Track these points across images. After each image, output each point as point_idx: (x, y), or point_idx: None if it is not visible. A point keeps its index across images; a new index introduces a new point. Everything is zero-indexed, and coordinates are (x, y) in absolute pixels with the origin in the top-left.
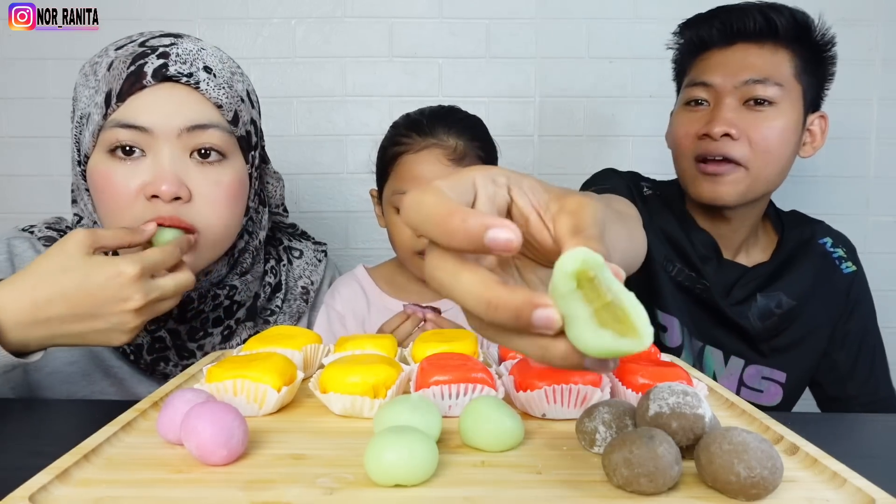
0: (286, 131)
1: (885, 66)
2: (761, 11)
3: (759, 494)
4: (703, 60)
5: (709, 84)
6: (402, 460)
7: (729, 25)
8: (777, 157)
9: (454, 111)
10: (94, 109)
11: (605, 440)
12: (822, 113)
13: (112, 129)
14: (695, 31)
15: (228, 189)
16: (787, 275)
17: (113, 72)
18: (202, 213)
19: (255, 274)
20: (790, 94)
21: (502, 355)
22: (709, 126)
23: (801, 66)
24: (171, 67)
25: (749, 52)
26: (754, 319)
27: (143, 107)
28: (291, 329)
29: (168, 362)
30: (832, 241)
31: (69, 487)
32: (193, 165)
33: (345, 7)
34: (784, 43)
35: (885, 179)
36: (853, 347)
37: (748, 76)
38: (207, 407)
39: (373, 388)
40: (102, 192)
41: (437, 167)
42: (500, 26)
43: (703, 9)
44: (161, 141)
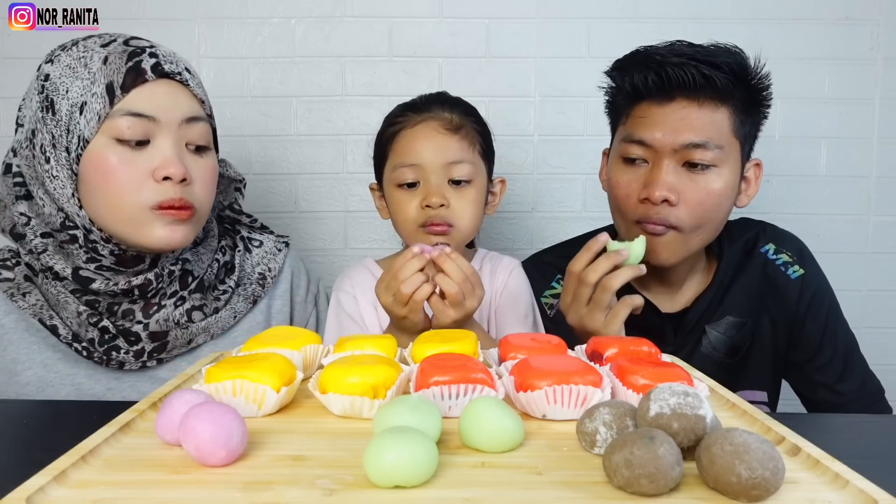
0: (286, 131)
1: (887, 66)
2: (698, 67)
3: (761, 496)
4: (639, 114)
5: (647, 144)
6: (401, 461)
7: (666, 79)
8: (713, 218)
9: (448, 94)
10: (91, 99)
11: (605, 441)
12: (757, 160)
13: (119, 118)
14: (629, 79)
15: (213, 173)
16: (729, 296)
17: (110, 66)
18: (197, 194)
19: (206, 246)
20: (729, 154)
21: (502, 355)
22: (649, 190)
23: (740, 120)
24: (164, 66)
25: (689, 111)
26: (713, 351)
27: (146, 98)
28: (291, 329)
29: (119, 350)
30: (774, 248)
31: (66, 489)
32: (189, 155)
33: (344, 6)
34: (723, 99)
35: (886, 179)
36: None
37: (687, 139)
38: (206, 408)
39: (372, 388)
40: (109, 175)
41: (436, 137)
42: (500, 26)
43: (704, 9)
44: (164, 129)
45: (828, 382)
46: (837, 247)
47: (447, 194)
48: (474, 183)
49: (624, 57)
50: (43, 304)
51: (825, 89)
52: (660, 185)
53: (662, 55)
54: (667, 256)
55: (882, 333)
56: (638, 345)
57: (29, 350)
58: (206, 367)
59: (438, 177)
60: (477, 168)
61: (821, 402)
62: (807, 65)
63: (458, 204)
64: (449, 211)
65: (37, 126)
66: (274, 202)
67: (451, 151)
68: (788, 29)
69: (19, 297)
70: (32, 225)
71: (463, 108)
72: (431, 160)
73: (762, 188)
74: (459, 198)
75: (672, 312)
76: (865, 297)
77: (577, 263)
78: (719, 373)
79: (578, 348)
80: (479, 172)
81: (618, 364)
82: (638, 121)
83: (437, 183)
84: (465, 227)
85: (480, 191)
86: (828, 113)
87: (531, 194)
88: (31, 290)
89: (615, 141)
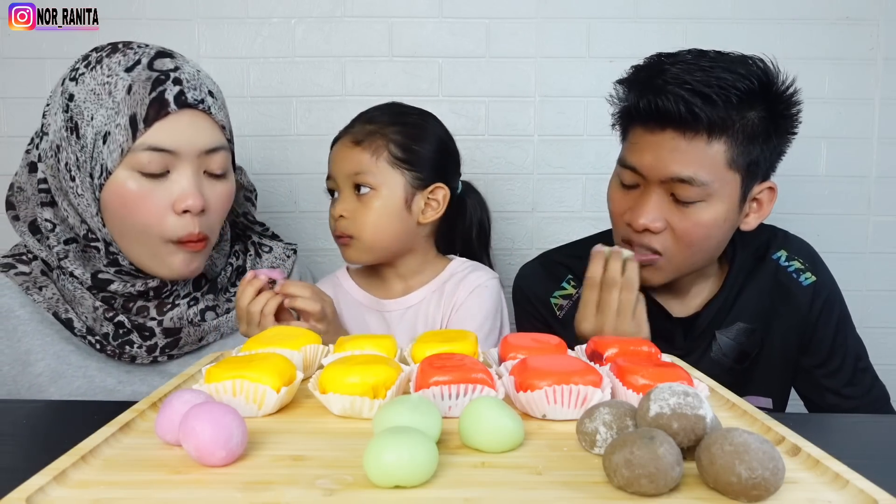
0: (286, 131)
1: (887, 66)
2: (689, 105)
3: (761, 496)
4: (633, 139)
5: (637, 170)
6: (401, 461)
7: (655, 108)
8: (703, 247)
9: (388, 105)
10: (115, 130)
11: (605, 441)
12: (772, 183)
13: (142, 152)
14: (627, 99)
15: (227, 199)
16: (740, 302)
17: (134, 96)
18: (211, 221)
19: (220, 250)
20: (723, 187)
21: (502, 355)
22: (632, 215)
23: (742, 149)
24: (187, 94)
25: (678, 143)
26: (722, 357)
27: (168, 131)
28: (291, 329)
29: (133, 345)
30: (787, 255)
31: (66, 489)
32: (206, 181)
33: (344, 6)
34: (719, 131)
35: (886, 179)
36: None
37: (674, 172)
38: (206, 408)
39: (372, 388)
40: (132, 206)
41: (341, 150)
42: (500, 26)
43: (704, 9)
44: (184, 161)
45: (836, 387)
46: (837, 247)
47: (350, 206)
48: (377, 192)
49: (634, 70)
50: (59, 299)
51: (825, 89)
52: (642, 214)
53: (664, 80)
54: (656, 280)
55: (882, 333)
56: (638, 345)
57: (43, 342)
58: (206, 367)
59: (346, 189)
60: (381, 178)
61: (829, 406)
62: (807, 65)
63: (359, 214)
64: (348, 222)
65: (62, 143)
66: (274, 202)
67: (350, 164)
68: (788, 29)
69: (35, 290)
70: (57, 231)
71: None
72: (337, 173)
73: None
74: (361, 208)
75: (682, 317)
76: (865, 297)
77: (595, 273)
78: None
79: (578, 348)
80: (384, 182)
81: (618, 364)
82: (631, 145)
83: (345, 195)
84: (368, 237)
85: (388, 200)
86: (828, 113)
87: (531, 194)
88: (48, 285)
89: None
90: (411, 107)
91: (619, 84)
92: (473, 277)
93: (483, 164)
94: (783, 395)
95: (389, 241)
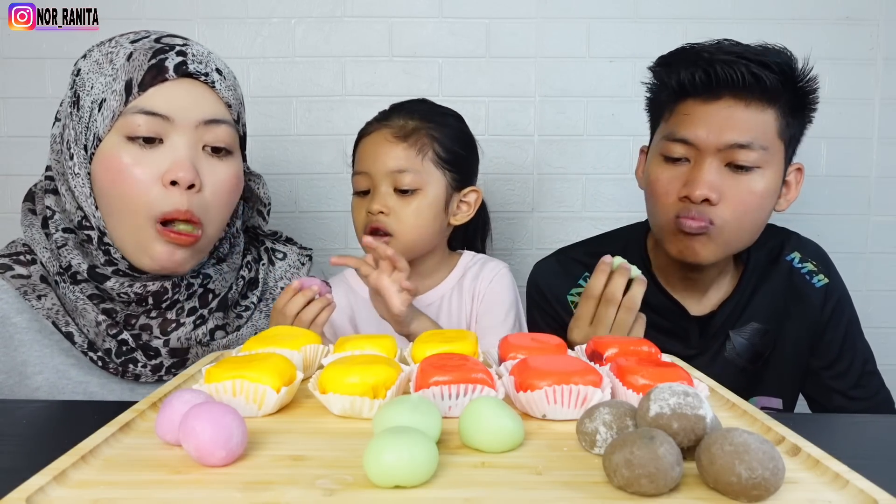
0: (286, 131)
1: (887, 66)
2: (748, 67)
3: (761, 496)
4: (683, 111)
5: (690, 142)
6: (401, 461)
7: (714, 77)
8: (754, 220)
9: (421, 101)
10: (110, 96)
11: (605, 441)
12: (799, 165)
13: (133, 115)
14: (675, 75)
15: (231, 183)
16: (754, 302)
17: (133, 62)
18: (207, 204)
19: (231, 264)
20: (773, 156)
21: (502, 356)
22: (689, 188)
23: (786, 122)
24: (190, 65)
25: (735, 111)
26: (736, 357)
27: (164, 97)
28: (291, 329)
29: (137, 363)
30: (800, 257)
31: (66, 489)
32: (205, 157)
33: (344, 7)
34: (771, 100)
35: (886, 179)
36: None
37: (733, 139)
38: (206, 408)
39: (372, 388)
40: (118, 175)
41: (383, 145)
42: (500, 26)
43: (704, 9)
44: (179, 130)
45: (843, 389)
46: (837, 247)
47: (391, 202)
48: (422, 192)
49: (670, 53)
50: (59, 309)
51: (825, 89)
52: (701, 184)
53: (710, 52)
54: (705, 255)
55: (882, 333)
56: (638, 345)
57: (42, 353)
58: (206, 367)
59: (385, 185)
60: (426, 177)
61: (835, 408)
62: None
63: (401, 212)
64: (389, 219)
65: (66, 122)
66: (274, 202)
67: (395, 160)
68: (788, 29)
69: (34, 297)
70: (56, 219)
71: (424, 115)
72: (377, 169)
73: None
74: (403, 206)
75: (699, 315)
76: (865, 297)
77: (595, 286)
78: (740, 378)
79: (578, 348)
80: (429, 181)
81: (618, 364)
82: (682, 118)
83: (384, 191)
84: (408, 236)
85: (431, 200)
86: (828, 113)
87: (531, 194)
88: (48, 293)
89: (655, 138)
90: (442, 106)
91: (660, 66)
92: (491, 266)
93: (483, 164)
94: (793, 395)
95: (425, 242)
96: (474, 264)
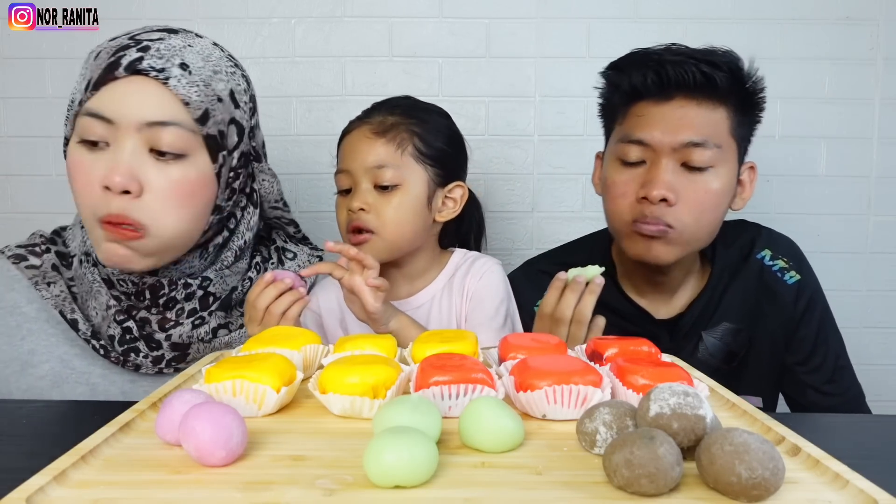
0: (286, 131)
1: (887, 66)
2: (698, 66)
3: (761, 496)
4: (637, 113)
5: (645, 143)
6: (401, 461)
7: (665, 78)
8: (711, 219)
9: (404, 98)
10: (77, 95)
11: (605, 441)
12: (752, 163)
13: (83, 118)
14: (627, 78)
15: (183, 187)
16: (725, 302)
17: (97, 61)
18: (151, 209)
19: (235, 269)
20: (727, 155)
21: (502, 356)
22: (647, 189)
23: (737, 121)
24: (144, 61)
25: (688, 110)
26: (709, 357)
27: (110, 98)
28: (291, 329)
29: (138, 353)
30: (770, 255)
31: (66, 489)
32: (151, 161)
33: (344, 7)
34: (722, 98)
35: (886, 179)
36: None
37: (687, 138)
38: (206, 408)
39: (372, 388)
40: (72, 179)
41: (362, 142)
42: (500, 26)
43: (704, 9)
44: (123, 133)
45: (817, 384)
46: (837, 247)
47: (370, 199)
48: (402, 188)
49: (621, 57)
50: (66, 297)
51: (825, 89)
52: (658, 184)
53: (660, 54)
54: (665, 256)
55: (882, 333)
56: (638, 345)
57: (48, 343)
58: (206, 367)
59: (366, 181)
60: (406, 172)
61: (809, 404)
62: (807, 65)
63: (381, 209)
64: (370, 216)
65: None
66: None
67: (374, 156)
68: (788, 29)
69: (43, 286)
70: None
71: (405, 110)
72: (357, 166)
73: (762, 189)
74: (383, 203)
75: (666, 319)
76: (865, 297)
77: (546, 306)
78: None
79: (578, 348)
80: (409, 177)
81: (618, 364)
82: (636, 120)
83: (364, 188)
84: (390, 233)
85: (413, 196)
86: (828, 113)
87: (531, 194)
88: (57, 281)
89: (610, 142)
90: (426, 102)
91: (611, 70)
92: (480, 263)
93: (483, 164)
94: (774, 393)
95: (409, 239)
96: (465, 262)
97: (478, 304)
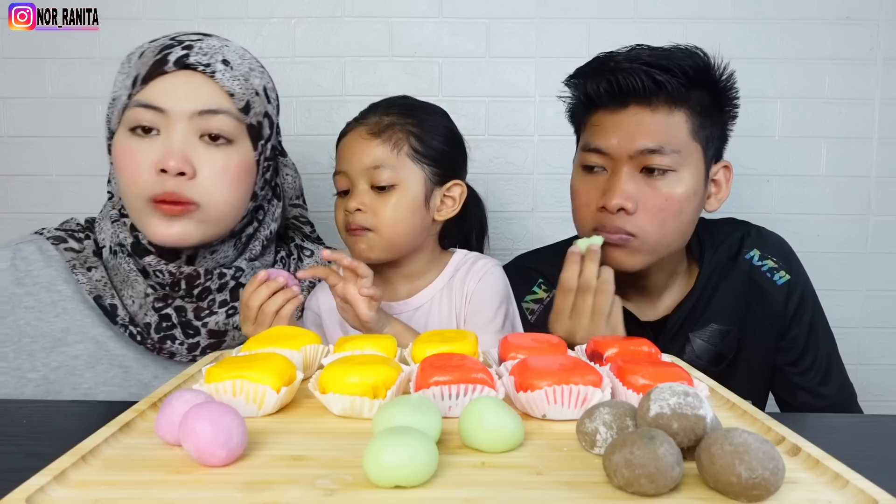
0: (286, 131)
1: (887, 66)
2: (648, 73)
3: (761, 496)
4: (595, 122)
5: (604, 151)
6: (401, 461)
7: (617, 87)
8: (676, 225)
9: (401, 97)
10: (122, 92)
11: (605, 441)
12: (726, 162)
13: (134, 109)
14: (583, 88)
15: (232, 170)
16: (713, 303)
17: (143, 59)
18: (204, 187)
19: (263, 262)
20: (689, 158)
21: (502, 355)
22: (605, 198)
23: (700, 122)
24: (191, 57)
25: (642, 117)
26: (696, 359)
27: (161, 90)
28: (291, 329)
29: (174, 340)
30: (759, 255)
31: (66, 489)
32: (202, 146)
33: (344, 7)
34: (677, 103)
35: (887, 179)
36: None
37: (643, 145)
38: (206, 408)
39: (372, 388)
40: (122, 165)
41: (358, 143)
42: (500, 26)
43: (704, 9)
44: (174, 122)
45: (809, 386)
46: (837, 247)
47: (367, 200)
48: (400, 187)
49: (581, 66)
50: (106, 282)
51: (825, 89)
52: (616, 194)
53: (616, 62)
54: (631, 264)
55: (882, 333)
56: (638, 345)
57: (83, 323)
58: (206, 367)
59: (363, 182)
60: (402, 172)
61: (801, 405)
62: (807, 65)
63: (378, 209)
64: (367, 216)
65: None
66: None
67: (371, 156)
68: (788, 29)
69: (82, 270)
70: (114, 200)
71: (402, 110)
72: (353, 166)
73: (762, 189)
74: (380, 203)
75: (652, 321)
76: (865, 297)
77: (569, 276)
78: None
79: (578, 348)
80: (406, 176)
81: (618, 364)
82: (594, 129)
83: (361, 189)
84: (387, 232)
85: (410, 195)
86: (828, 113)
87: (531, 194)
88: (98, 266)
89: (577, 150)
90: (424, 101)
91: (571, 79)
92: (480, 264)
93: (483, 164)
94: (763, 396)
95: (407, 239)
96: (465, 263)
97: (477, 306)
